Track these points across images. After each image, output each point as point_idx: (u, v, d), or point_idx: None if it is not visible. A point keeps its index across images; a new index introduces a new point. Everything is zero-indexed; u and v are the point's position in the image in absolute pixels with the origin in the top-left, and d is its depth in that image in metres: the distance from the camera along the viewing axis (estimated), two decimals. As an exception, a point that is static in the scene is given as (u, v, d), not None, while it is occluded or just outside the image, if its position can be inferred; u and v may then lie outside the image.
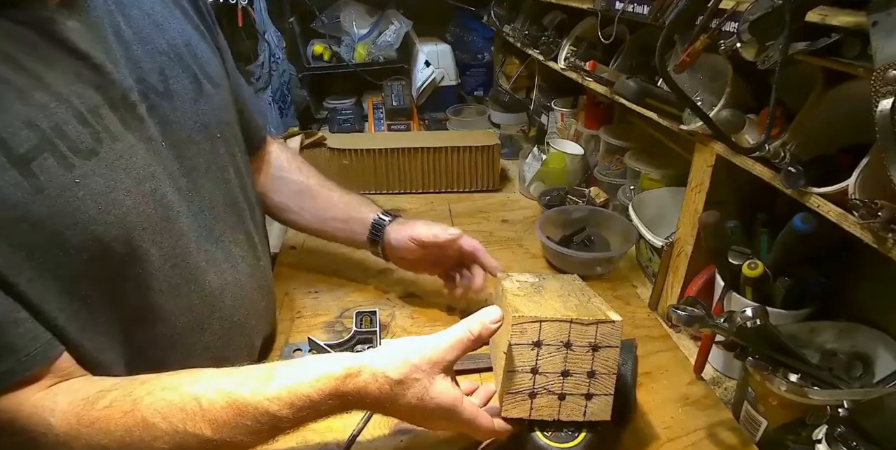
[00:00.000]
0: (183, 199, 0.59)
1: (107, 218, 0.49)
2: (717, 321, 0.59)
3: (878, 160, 0.44)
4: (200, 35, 0.67)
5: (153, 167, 0.55)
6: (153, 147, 0.55)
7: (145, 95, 0.55)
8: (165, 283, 0.56)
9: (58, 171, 0.46)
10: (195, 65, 0.62)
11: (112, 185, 0.50)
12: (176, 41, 0.61)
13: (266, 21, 1.64)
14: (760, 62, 0.53)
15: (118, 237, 0.50)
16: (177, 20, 0.63)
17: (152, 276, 0.55)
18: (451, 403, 0.52)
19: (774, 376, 0.59)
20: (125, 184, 0.51)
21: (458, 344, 0.53)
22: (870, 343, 0.66)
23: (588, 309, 0.59)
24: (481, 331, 0.53)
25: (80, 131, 0.48)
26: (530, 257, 1.05)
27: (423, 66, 1.71)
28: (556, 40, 1.13)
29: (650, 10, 0.74)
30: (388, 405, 0.51)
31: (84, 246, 0.48)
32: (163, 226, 0.55)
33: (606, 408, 0.57)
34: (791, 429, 0.61)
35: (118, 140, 0.51)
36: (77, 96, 0.48)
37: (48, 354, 0.47)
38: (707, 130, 0.64)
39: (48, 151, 0.45)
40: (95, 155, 0.49)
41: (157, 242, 0.55)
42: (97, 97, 0.50)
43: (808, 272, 0.70)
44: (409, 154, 1.26)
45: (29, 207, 0.44)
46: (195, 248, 0.60)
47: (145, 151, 0.54)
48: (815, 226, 0.62)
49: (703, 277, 0.81)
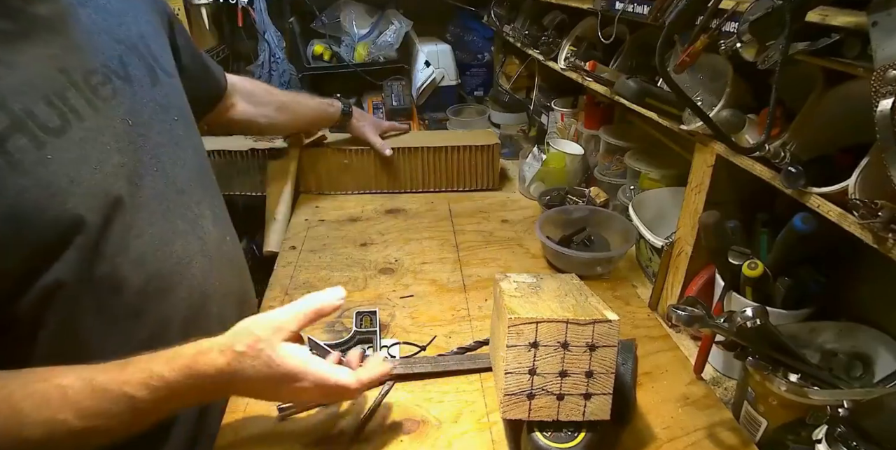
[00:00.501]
0: (148, 173, 0.62)
1: (78, 189, 0.52)
2: (717, 321, 0.59)
3: (878, 160, 0.44)
4: (154, 30, 0.72)
5: (120, 143, 0.58)
6: (119, 125, 0.59)
7: (108, 78, 0.59)
8: (134, 251, 0.59)
9: (30, 148, 0.49)
10: (149, 56, 0.67)
11: (82, 159, 0.53)
12: (131, 33, 0.65)
13: (266, 21, 1.64)
14: (760, 62, 0.53)
15: (90, 208, 0.53)
16: (132, 15, 0.68)
17: (119, 245, 0.57)
18: (299, 365, 0.54)
19: (774, 376, 0.59)
20: (94, 159, 0.55)
21: (299, 315, 0.57)
22: (870, 343, 0.66)
23: (585, 309, 0.59)
24: (322, 306, 0.58)
25: (48, 112, 0.51)
26: (530, 257, 1.05)
27: (423, 66, 1.71)
28: (556, 40, 1.13)
29: (650, 10, 0.74)
30: (241, 381, 0.53)
31: (58, 218, 0.51)
32: (130, 198, 0.58)
33: (605, 407, 0.57)
34: (791, 429, 0.61)
35: (84, 119, 0.55)
36: (44, 79, 0.52)
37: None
38: (707, 130, 0.64)
39: (20, 131, 0.49)
40: (64, 133, 0.52)
41: (125, 212, 0.58)
42: (62, 80, 0.54)
43: (808, 272, 0.70)
44: (409, 154, 1.26)
45: (6, 181, 0.47)
46: (160, 219, 0.63)
47: (111, 130, 0.58)
48: (815, 226, 0.62)
49: (703, 277, 0.81)
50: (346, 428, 0.67)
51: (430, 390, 0.73)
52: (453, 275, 0.98)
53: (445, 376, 0.75)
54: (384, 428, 0.67)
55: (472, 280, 0.97)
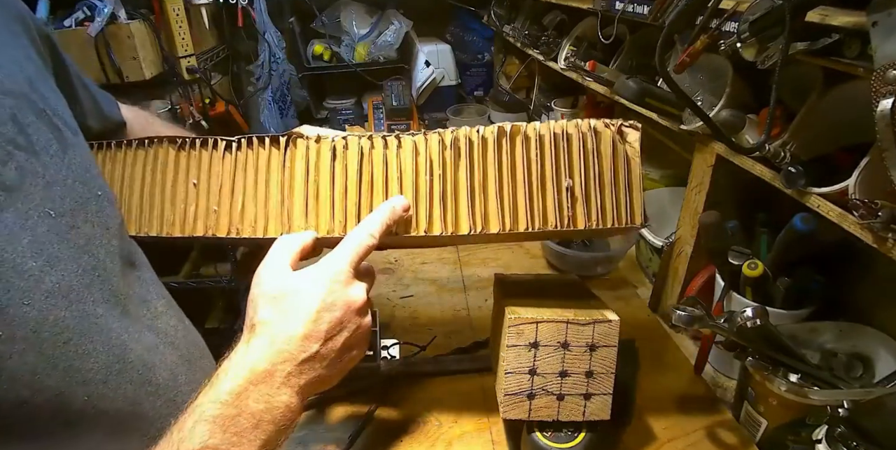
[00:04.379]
0: (92, 282, 0.45)
1: (5, 348, 0.37)
2: (717, 321, 0.59)
3: (878, 160, 0.44)
4: (36, 68, 0.51)
5: (47, 247, 0.41)
6: (39, 222, 0.42)
7: (9, 154, 0.41)
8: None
9: None
10: (46, 107, 0.47)
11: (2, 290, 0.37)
12: (16, 78, 0.46)
13: (266, 21, 1.64)
14: (760, 62, 0.53)
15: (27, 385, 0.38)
16: (10, 50, 0.48)
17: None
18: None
19: (774, 376, 0.59)
20: (18, 287, 0.38)
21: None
22: (870, 343, 0.66)
23: (585, 309, 0.59)
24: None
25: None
26: (530, 257, 1.05)
27: (423, 66, 1.71)
28: (556, 40, 1.13)
29: (650, 10, 0.74)
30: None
31: None
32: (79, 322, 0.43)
33: (605, 407, 0.57)
34: (791, 429, 0.61)
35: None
36: None
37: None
38: (707, 130, 0.64)
39: None
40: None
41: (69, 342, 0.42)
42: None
43: (808, 272, 0.70)
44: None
45: None
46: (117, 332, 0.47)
47: (30, 229, 0.41)
48: (815, 226, 0.62)
49: (703, 277, 0.81)
50: (346, 428, 0.67)
51: (430, 390, 0.73)
52: (453, 275, 0.98)
53: (445, 376, 0.75)
54: (384, 428, 0.67)
55: (472, 280, 0.97)
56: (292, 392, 0.44)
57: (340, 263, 0.48)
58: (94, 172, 0.51)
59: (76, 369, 0.41)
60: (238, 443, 0.40)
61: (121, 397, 0.45)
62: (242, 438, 0.40)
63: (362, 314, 0.49)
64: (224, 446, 0.39)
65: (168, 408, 0.49)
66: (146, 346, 0.50)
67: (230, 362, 0.44)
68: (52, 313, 0.40)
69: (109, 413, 0.44)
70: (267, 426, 0.42)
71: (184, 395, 0.50)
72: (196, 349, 0.59)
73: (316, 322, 0.45)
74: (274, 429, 0.42)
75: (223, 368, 0.44)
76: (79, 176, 0.47)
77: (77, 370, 0.42)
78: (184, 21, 1.40)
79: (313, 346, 0.45)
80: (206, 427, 0.39)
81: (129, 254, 0.54)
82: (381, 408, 0.70)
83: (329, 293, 0.46)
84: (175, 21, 1.38)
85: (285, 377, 0.44)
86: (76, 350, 0.42)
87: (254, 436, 0.41)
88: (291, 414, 0.44)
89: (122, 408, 0.46)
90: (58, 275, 0.42)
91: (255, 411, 0.42)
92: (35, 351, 0.38)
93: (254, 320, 0.46)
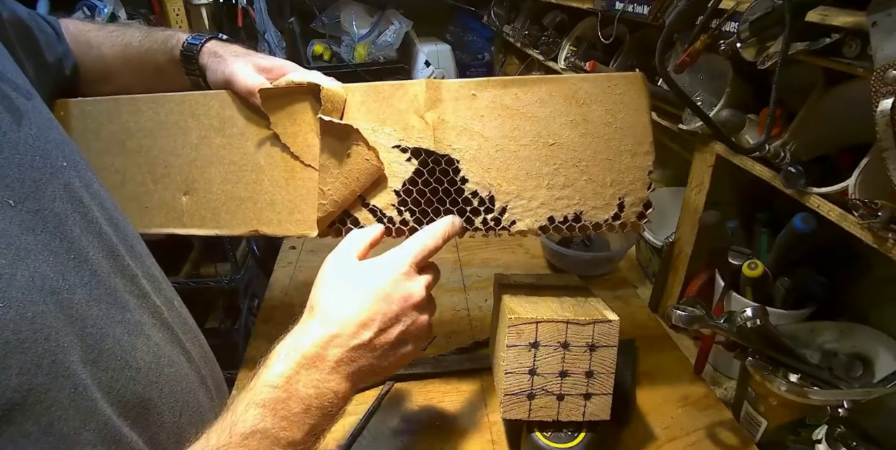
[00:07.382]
0: (66, 267, 0.41)
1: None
2: (717, 321, 0.59)
3: (878, 160, 0.44)
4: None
5: (14, 240, 0.38)
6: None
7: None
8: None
9: None
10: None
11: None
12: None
13: (266, 21, 1.64)
14: (760, 62, 0.53)
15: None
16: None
17: None
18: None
19: (774, 376, 0.59)
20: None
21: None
22: (870, 343, 0.66)
23: (585, 309, 0.59)
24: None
25: None
26: (530, 257, 1.05)
27: (423, 66, 1.71)
28: (556, 40, 1.13)
29: (650, 10, 0.74)
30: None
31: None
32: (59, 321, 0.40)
33: (605, 408, 0.57)
34: (791, 429, 0.61)
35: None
36: None
37: None
38: (707, 129, 0.64)
39: None
40: None
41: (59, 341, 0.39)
42: None
43: (808, 272, 0.70)
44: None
45: None
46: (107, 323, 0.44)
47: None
48: (815, 226, 0.62)
49: (703, 277, 0.81)
50: (345, 428, 0.67)
51: (430, 390, 0.73)
52: (453, 275, 0.98)
53: (445, 376, 0.75)
54: (384, 428, 0.67)
55: (472, 280, 0.97)
56: (341, 379, 0.44)
57: (403, 257, 0.49)
58: (56, 136, 0.45)
59: (59, 363, 0.40)
60: (287, 427, 0.41)
61: (105, 384, 0.43)
62: (292, 422, 0.41)
63: (420, 310, 0.49)
64: (275, 431, 0.40)
65: (149, 391, 0.46)
66: (127, 328, 0.46)
67: (283, 344, 0.44)
68: (29, 310, 0.37)
69: (98, 401, 0.42)
70: (315, 412, 0.42)
71: (166, 376, 0.48)
72: (186, 327, 0.55)
73: (371, 311, 0.46)
74: (322, 414, 0.43)
75: (276, 350, 0.44)
76: (38, 149, 0.42)
77: (61, 363, 0.40)
78: (184, 21, 1.40)
79: (366, 333, 0.45)
80: (257, 411, 0.40)
81: (111, 237, 0.48)
82: (380, 408, 0.70)
83: (387, 285, 0.47)
84: (175, 21, 1.38)
85: (335, 363, 0.44)
86: (57, 343, 0.39)
87: (303, 421, 0.41)
88: (340, 401, 0.44)
89: (105, 395, 0.43)
90: (30, 267, 0.38)
91: (305, 396, 0.42)
92: (18, 352, 0.37)
93: (312, 303, 0.47)
